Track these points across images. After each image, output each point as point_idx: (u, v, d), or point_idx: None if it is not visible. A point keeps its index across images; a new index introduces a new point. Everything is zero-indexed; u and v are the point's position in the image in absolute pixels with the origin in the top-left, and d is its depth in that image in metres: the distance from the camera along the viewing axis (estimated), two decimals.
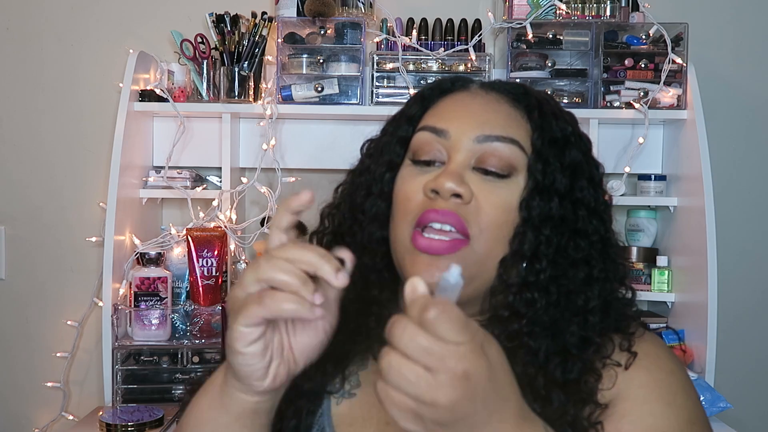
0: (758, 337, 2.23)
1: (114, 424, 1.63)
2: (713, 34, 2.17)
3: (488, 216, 0.80)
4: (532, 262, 0.81)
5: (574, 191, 0.84)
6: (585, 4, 1.98)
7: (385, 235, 0.86)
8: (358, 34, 1.95)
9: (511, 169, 0.82)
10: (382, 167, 0.88)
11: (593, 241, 0.84)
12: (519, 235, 0.81)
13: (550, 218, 0.81)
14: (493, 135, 0.82)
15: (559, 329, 0.80)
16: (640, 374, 0.80)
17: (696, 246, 1.91)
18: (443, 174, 0.81)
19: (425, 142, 0.85)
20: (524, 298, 0.80)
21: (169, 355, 1.81)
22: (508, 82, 0.91)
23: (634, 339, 0.82)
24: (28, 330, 2.17)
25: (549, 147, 0.83)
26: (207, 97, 1.96)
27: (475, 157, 0.82)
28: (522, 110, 0.86)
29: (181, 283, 1.94)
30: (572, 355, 0.79)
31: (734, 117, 2.20)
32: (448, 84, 0.91)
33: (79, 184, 2.16)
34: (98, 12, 2.16)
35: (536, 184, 0.82)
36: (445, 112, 0.86)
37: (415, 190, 0.83)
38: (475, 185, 0.81)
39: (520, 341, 0.79)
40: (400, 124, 0.90)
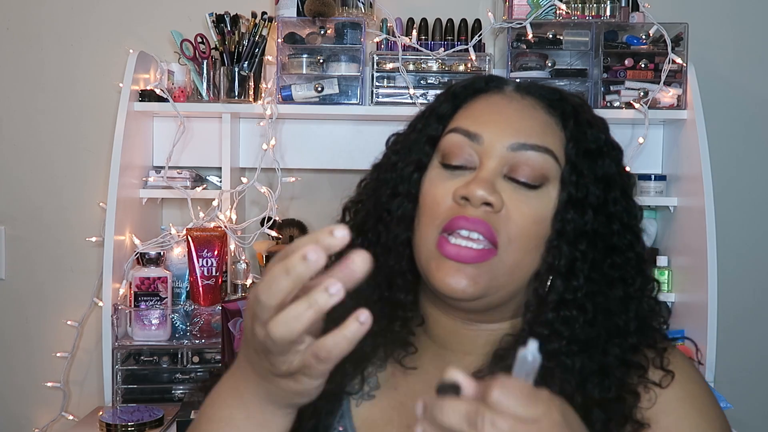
0: (758, 337, 2.23)
1: (114, 424, 1.63)
2: (713, 34, 2.17)
3: (518, 226, 0.79)
4: (569, 279, 0.79)
5: (608, 204, 0.82)
6: (585, 4, 1.98)
7: (410, 237, 0.84)
8: (358, 34, 1.95)
9: (543, 180, 0.80)
10: (409, 167, 0.85)
11: (629, 258, 0.82)
12: (553, 249, 0.80)
13: (585, 233, 0.80)
14: (528, 143, 0.80)
15: (596, 348, 0.79)
16: (676, 389, 0.80)
17: (696, 246, 1.91)
18: (475, 181, 0.78)
19: (456, 145, 0.82)
20: (563, 317, 0.79)
21: (169, 355, 1.81)
22: (544, 86, 0.87)
23: (667, 356, 0.81)
24: (28, 330, 2.17)
25: (583, 158, 0.82)
26: (207, 97, 1.96)
27: (507, 164, 0.80)
28: (557, 117, 0.84)
29: (181, 283, 1.94)
30: (610, 375, 0.78)
31: (734, 117, 2.20)
32: (482, 83, 0.88)
33: (79, 184, 2.16)
34: (98, 12, 2.16)
35: (570, 197, 0.80)
36: (479, 115, 0.84)
37: (444, 195, 0.80)
38: (506, 194, 0.79)
39: (558, 360, 0.78)
40: (430, 122, 0.87)
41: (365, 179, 0.91)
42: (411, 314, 0.85)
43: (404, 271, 0.84)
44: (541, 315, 0.80)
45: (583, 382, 0.77)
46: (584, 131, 0.83)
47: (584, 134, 0.83)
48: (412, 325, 0.86)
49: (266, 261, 2.04)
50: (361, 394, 0.85)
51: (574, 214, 0.80)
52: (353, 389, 0.85)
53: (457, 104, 0.87)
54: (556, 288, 0.80)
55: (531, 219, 0.79)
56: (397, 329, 0.84)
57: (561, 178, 0.81)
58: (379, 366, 0.87)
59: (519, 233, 0.78)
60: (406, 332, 0.85)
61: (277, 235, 2.00)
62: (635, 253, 0.83)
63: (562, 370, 0.77)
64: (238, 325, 1.69)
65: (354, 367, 0.84)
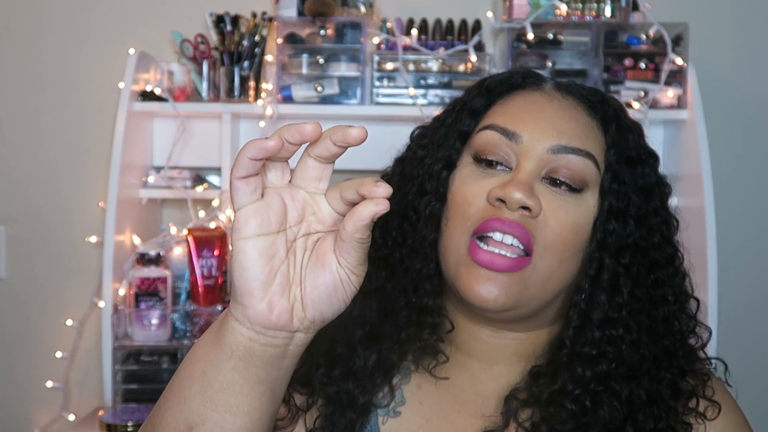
0: (758, 337, 2.23)
1: (114, 424, 1.64)
2: (713, 34, 2.16)
3: (555, 233, 0.74)
4: (613, 295, 0.75)
5: (649, 216, 0.78)
6: (585, 4, 1.98)
7: (437, 238, 0.79)
8: (358, 34, 1.95)
9: (583, 185, 0.76)
10: (438, 164, 0.79)
11: (669, 274, 0.79)
12: (595, 262, 0.76)
13: (628, 245, 0.76)
14: (570, 146, 0.76)
15: (643, 372, 0.75)
16: (722, 422, 0.79)
17: (696, 246, 1.91)
18: (512, 183, 0.73)
19: (492, 143, 0.77)
20: (610, 336, 0.75)
21: (169, 355, 1.82)
22: (585, 87, 0.83)
23: (710, 386, 0.79)
24: (28, 330, 2.17)
25: (625, 165, 0.77)
26: (207, 97, 1.96)
27: (546, 167, 0.75)
28: (598, 121, 0.79)
29: (181, 283, 1.94)
30: (661, 404, 0.75)
31: (734, 117, 2.20)
32: (518, 79, 0.82)
33: (79, 184, 2.16)
34: (98, 12, 2.16)
35: (611, 207, 0.76)
36: (518, 113, 0.78)
37: (477, 195, 0.76)
38: (545, 198, 0.74)
39: (606, 385, 0.74)
40: (462, 117, 0.81)
41: (387, 173, 0.85)
42: (439, 320, 0.80)
43: (431, 275, 0.79)
44: (587, 333, 0.75)
45: (632, 412, 0.74)
46: (626, 137, 0.79)
47: (626, 140, 0.79)
48: (442, 332, 0.80)
49: None
50: (387, 411, 0.81)
51: (616, 224, 0.75)
52: (381, 403, 0.81)
53: (491, 99, 0.81)
54: (600, 304, 0.75)
55: (569, 226, 0.75)
56: (425, 337, 0.79)
57: (601, 185, 0.77)
58: (403, 378, 0.83)
59: (556, 240, 0.74)
60: (436, 339, 0.80)
61: None
62: (675, 269, 0.80)
63: (608, 395, 0.74)
64: None
65: (382, 378, 0.80)
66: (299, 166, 0.62)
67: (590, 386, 0.74)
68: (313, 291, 0.62)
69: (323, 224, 0.63)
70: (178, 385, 0.66)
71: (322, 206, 0.62)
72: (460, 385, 0.81)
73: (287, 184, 0.62)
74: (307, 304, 0.62)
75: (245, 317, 0.61)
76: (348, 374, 0.79)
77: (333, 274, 0.61)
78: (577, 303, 0.76)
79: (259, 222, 0.59)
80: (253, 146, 0.57)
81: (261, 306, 0.60)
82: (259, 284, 0.60)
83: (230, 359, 0.62)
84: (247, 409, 0.62)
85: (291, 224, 0.62)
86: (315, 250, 0.62)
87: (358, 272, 0.62)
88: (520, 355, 0.80)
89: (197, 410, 0.63)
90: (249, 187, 0.59)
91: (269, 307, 0.60)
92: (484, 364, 0.81)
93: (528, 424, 0.75)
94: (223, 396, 0.62)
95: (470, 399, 0.80)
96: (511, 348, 0.80)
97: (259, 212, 0.60)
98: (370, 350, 0.79)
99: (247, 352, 0.62)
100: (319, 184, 0.62)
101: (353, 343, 0.74)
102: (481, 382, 0.81)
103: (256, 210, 0.59)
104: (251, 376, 0.62)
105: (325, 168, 0.62)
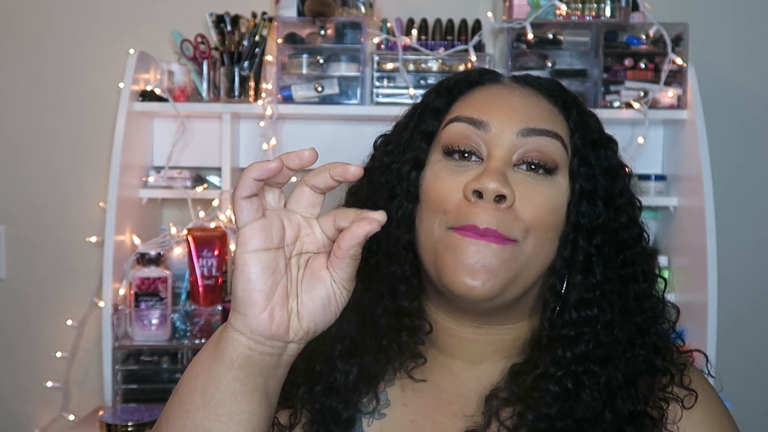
0: (758, 337, 2.23)
1: (114, 424, 1.64)
2: (713, 34, 2.17)
3: (534, 216, 0.75)
4: (587, 275, 0.77)
5: (615, 197, 0.80)
6: (585, 4, 1.98)
7: (411, 239, 0.79)
8: (358, 34, 1.95)
9: (555, 165, 0.77)
10: (407, 165, 0.80)
11: (637, 253, 0.80)
12: (570, 243, 0.77)
13: (599, 226, 0.77)
14: (538, 128, 0.77)
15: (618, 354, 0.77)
16: (700, 412, 0.79)
17: (696, 246, 1.91)
18: (486, 173, 0.74)
19: (461, 134, 0.78)
20: (585, 316, 0.76)
21: (169, 355, 1.82)
22: (542, 78, 0.85)
23: (688, 375, 0.80)
24: (28, 330, 2.17)
25: (590, 148, 0.79)
26: (207, 97, 1.96)
27: (516, 152, 0.76)
28: (559, 107, 0.81)
29: (181, 283, 1.94)
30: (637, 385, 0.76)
31: (734, 117, 2.20)
32: (476, 76, 0.84)
33: (79, 184, 2.16)
34: (98, 12, 2.16)
35: (582, 189, 0.77)
36: (482, 104, 0.80)
37: (452, 189, 0.76)
38: (518, 185, 0.75)
39: (586, 367, 0.76)
40: (424, 118, 0.82)
41: (355, 185, 0.86)
42: (418, 323, 0.81)
43: (408, 276, 0.79)
44: (564, 315, 0.77)
45: (611, 396, 0.75)
46: (587, 121, 0.81)
47: (588, 124, 0.81)
48: (421, 334, 0.81)
49: None
50: (372, 414, 0.82)
51: (587, 206, 0.77)
52: (366, 408, 0.82)
53: (452, 98, 0.83)
54: (576, 285, 0.77)
55: (546, 208, 0.76)
56: (405, 339, 0.80)
57: (570, 168, 0.78)
58: (388, 381, 0.83)
59: (536, 223, 0.75)
60: (415, 342, 0.81)
61: None
62: (642, 249, 0.81)
63: (588, 378, 0.75)
64: None
65: (367, 387, 0.81)
66: (295, 193, 0.69)
67: (571, 368, 0.76)
68: (309, 303, 0.67)
69: (315, 245, 0.69)
70: (178, 402, 0.69)
71: (315, 229, 0.69)
72: (444, 386, 0.82)
73: (283, 207, 0.69)
74: (303, 316, 0.67)
75: (247, 326, 0.66)
76: (330, 390, 0.80)
77: (327, 288, 0.68)
78: (554, 285, 0.78)
79: (263, 237, 0.65)
80: (257, 167, 0.63)
81: (263, 315, 0.65)
82: (262, 295, 0.65)
83: (231, 369, 0.67)
84: (249, 416, 0.67)
85: (287, 243, 0.68)
86: (308, 268, 0.68)
87: (349, 287, 0.68)
88: (502, 352, 0.82)
89: (201, 423, 0.67)
90: (253, 206, 0.65)
91: (270, 317, 0.66)
92: (467, 364, 0.82)
93: (509, 422, 0.76)
94: (225, 406, 0.67)
95: (454, 400, 0.81)
96: (493, 345, 0.82)
97: (263, 229, 0.65)
98: (351, 364, 0.80)
99: (247, 360, 0.67)
100: (313, 210, 0.69)
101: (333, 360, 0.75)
102: (464, 383, 0.82)
103: (260, 226, 0.65)
104: (251, 383, 0.67)
105: (318, 196, 0.69)
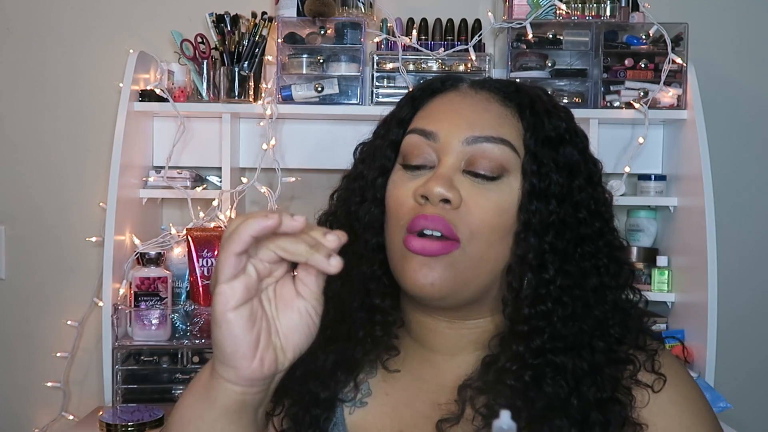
0: (758, 337, 2.23)
1: (114, 424, 1.64)
2: (713, 34, 2.17)
3: (479, 219, 0.79)
4: (539, 272, 0.79)
5: (573, 192, 0.82)
6: (585, 4, 1.98)
7: (381, 242, 0.85)
8: (358, 34, 1.95)
9: (501, 171, 0.80)
10: (374, 172, 0.87)
11: (599, 246, 0.82)
12: (521, 242, 0.80)
13: (552, 223, 0.80)
14: (483, 136, 0.81)
15: (582, 344, 0.79)
16: (669, 392, 0.80)
17: (696, 246, 1.91)
18: (432, 179, 0.79)
19: (415, 145, 0.83)
20: (540, 311, 0.79)
21: (169, 355, 1.81)
22: (500, 80, 0.89)
23: (658, 359, 0.81)
24: (28, 330, 2.17)
25: (543, 147, 0.81)
26: (207, 97, 1.96)
27: (464, 159, 0.81)
28: (513, 109, 0.84)
29: (181, 283, 1.94)
30: (603, 374, 0.78)
31: (734, 117, 2.20)
32: (438, 84, 0.88)
33: (79, 184, 2.16)
34: (98, 12, 2.16)
35: (533, 187, 0.80)
36: (434, 114, 0.85)
37: (406, 196, 0.81)
38: (465, 189, 0.79)
39: (546, 359, 0.78)
40: (391, 127, 0.88)
41: (336, 191, 0.93)
42: (391, 318, 0.86)
43: (378, 276, 0.85)
44: (519, 311, 0.80)
45: (576, 384, 0.77)
46: (542, 120, 0.83)
47: (542, 123, 0.83)
48: (394, 329, 0.87)
49: None
50: (353, 402, 0.86)
51: (538, 204, 0.80)
52: (347, 397, 0.86)
53: (416, 106, 0.88)
54: (529, 282, 0.80)
55: (492, 211, 0.79)
56: (378, 333, 0.85)
57: (522, 168, 0.81)
58: (369, 372, 0.87)
59: (480, 226, 0.79)
60: (388, 336, 0.86)
61: None
62: (606, 241, 0.83)
63: (553, 369, 0.77)
64: None
65: (346, 375, 0.85)
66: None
67: (528, 361, 0.78)
68: (291, 334, 0.69)
69: (275, 276, 0.69)
70: None
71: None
72: (424, 376, 0.86)
73: None
74: (288, 347, 0.69)
75: (239, 377, 0.68)
76: (308, 374, 0.83)
77: (300, 311, 0.68)
78: (510, 282, 0.81)
79: (244, 292, 0.66)
80: (256, 224, 0.62)
81: (254, 365, 0.67)
82: (250, 346, 0.66)
83: (225, 415, 0.69)
84: None
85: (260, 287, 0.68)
86: (279, 298, 0.69)
87: (321, 300, 0.69)
88: (476, 344, 0.85)
89: None
90: (240, 262, 0.65)
91: (260, 363, 0.67)
92: (446, 356, 0.86)
93: (483, 409, 0.79)
94: None
95: (433, 389, 0.85)
96: (466, 338, 0.85)
97: (245, 284, 0.66)
98: (328, 351, 0.84)
99: (241, 405, 0.69)
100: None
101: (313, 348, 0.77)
102: (442, 373, 0.85)
103: (243, 283, 0.66)
104: (244, 420, 0.70)
105: None
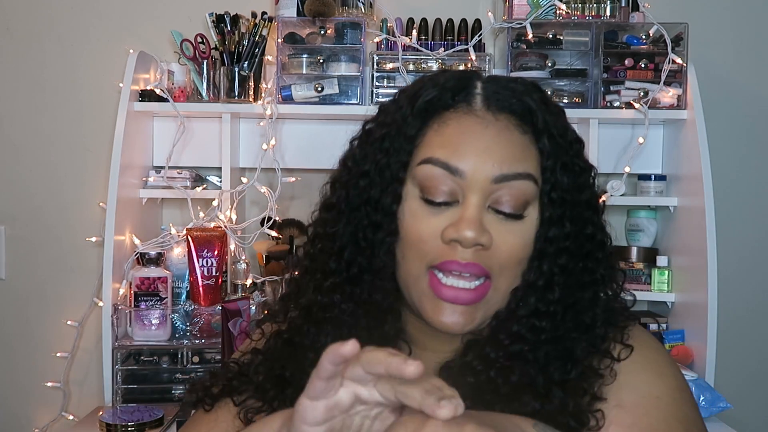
0: (758, 337, 2.23)
1: (114, 424, 1.63)
2: (713, 34, 2.17)
3: (507, 254, 0.79)
4: (545, 293, 0.80)
5: (582, 209, 0.82)
6: (585, 4, 1.98)
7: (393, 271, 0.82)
8: (358, 34, 1.95)
9: (525, 206, 0.79)
10: (387, 198, 0.81)
11: (599, 259, 0.82)
12: (534, 269, 0.80)
13: (566, 248, 0.80)
14: (511, 174, 0.78)
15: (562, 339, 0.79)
16: (633, 357, 0.81)
17: (696, 246, 1.91)
18: (463, 222, 0.77)
19: (436, 178, 0.78)
20: (530, 325, 0.79)
21: (169, 355, 1.81)
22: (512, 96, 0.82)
23: (627, 332, 0.82)
24: (28, 330, 2.17)
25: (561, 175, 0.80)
26: (207, 97, 1.96)
27: (491, 196, 0.78)
28: (530, 135, 0.81)
29: (181, 283, 1.94)
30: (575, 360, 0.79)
31: (734, 117, 2.20)
32: (449, 99, 0.82)
33: (79, 184, 2.16)
34: (98, 12, 2.16)
35: (551, 216, 0.80)
36: (455, 144, 0.79)
37: (430, 234, 0.78)
38: (493, 227, 0.78)
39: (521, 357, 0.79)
40: (399, 144, 0.81)
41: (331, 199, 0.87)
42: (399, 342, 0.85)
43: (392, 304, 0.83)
44: (508, 326, 0.80)
45: (546, 365, 0.78)
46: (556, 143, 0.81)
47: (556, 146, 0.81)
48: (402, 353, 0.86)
49: (266, 261, 2.04)
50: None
51: (555, 230, 0.80)
52: None
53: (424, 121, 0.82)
54: (528, 303, 0.80)
55: (519, 246, 0.79)
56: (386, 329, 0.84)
57: (540, 198, 0.80)
58: None
59: (510, 261, 0.79)
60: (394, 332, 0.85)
61: (277, 235, 2.00)
62: (604, 252, 0.83)
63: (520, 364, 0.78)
64: (238, 325, 1.69)
65: None
66: None
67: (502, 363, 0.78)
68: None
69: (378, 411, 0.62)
70: None
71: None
72: None
73: None
74: None
75: None
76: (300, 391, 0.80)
77: None
78: (509, 302, 0.81)
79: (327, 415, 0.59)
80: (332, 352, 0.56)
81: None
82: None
83: None
84: None
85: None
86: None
87: None
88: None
89: None
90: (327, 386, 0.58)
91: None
92: (438, 354, 0.85)
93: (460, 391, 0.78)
94: None
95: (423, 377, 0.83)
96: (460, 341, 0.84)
97: (328, 407, 0.59)
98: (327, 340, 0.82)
99: None
100: None
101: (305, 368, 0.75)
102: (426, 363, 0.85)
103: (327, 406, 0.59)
104: None
105: None
